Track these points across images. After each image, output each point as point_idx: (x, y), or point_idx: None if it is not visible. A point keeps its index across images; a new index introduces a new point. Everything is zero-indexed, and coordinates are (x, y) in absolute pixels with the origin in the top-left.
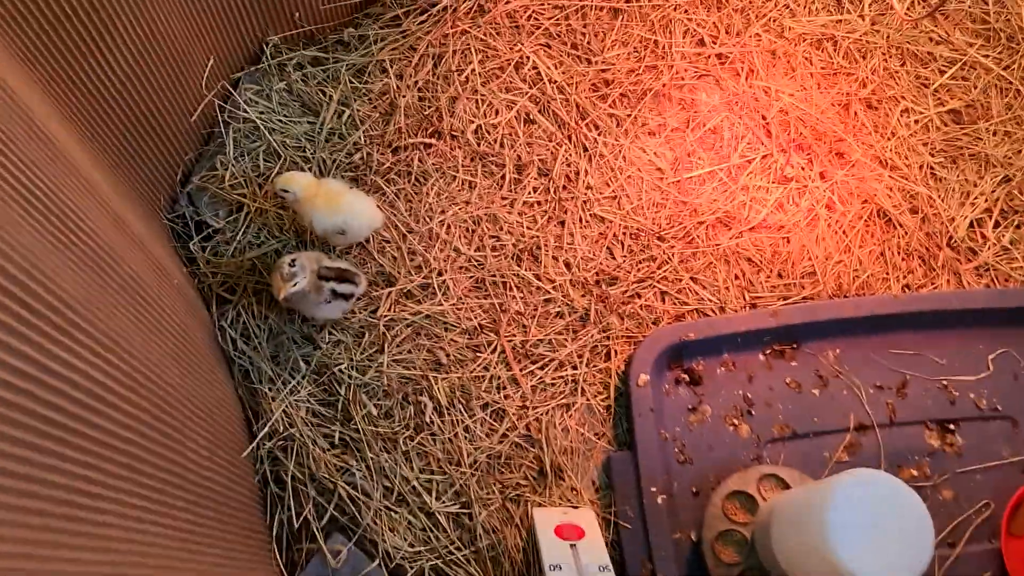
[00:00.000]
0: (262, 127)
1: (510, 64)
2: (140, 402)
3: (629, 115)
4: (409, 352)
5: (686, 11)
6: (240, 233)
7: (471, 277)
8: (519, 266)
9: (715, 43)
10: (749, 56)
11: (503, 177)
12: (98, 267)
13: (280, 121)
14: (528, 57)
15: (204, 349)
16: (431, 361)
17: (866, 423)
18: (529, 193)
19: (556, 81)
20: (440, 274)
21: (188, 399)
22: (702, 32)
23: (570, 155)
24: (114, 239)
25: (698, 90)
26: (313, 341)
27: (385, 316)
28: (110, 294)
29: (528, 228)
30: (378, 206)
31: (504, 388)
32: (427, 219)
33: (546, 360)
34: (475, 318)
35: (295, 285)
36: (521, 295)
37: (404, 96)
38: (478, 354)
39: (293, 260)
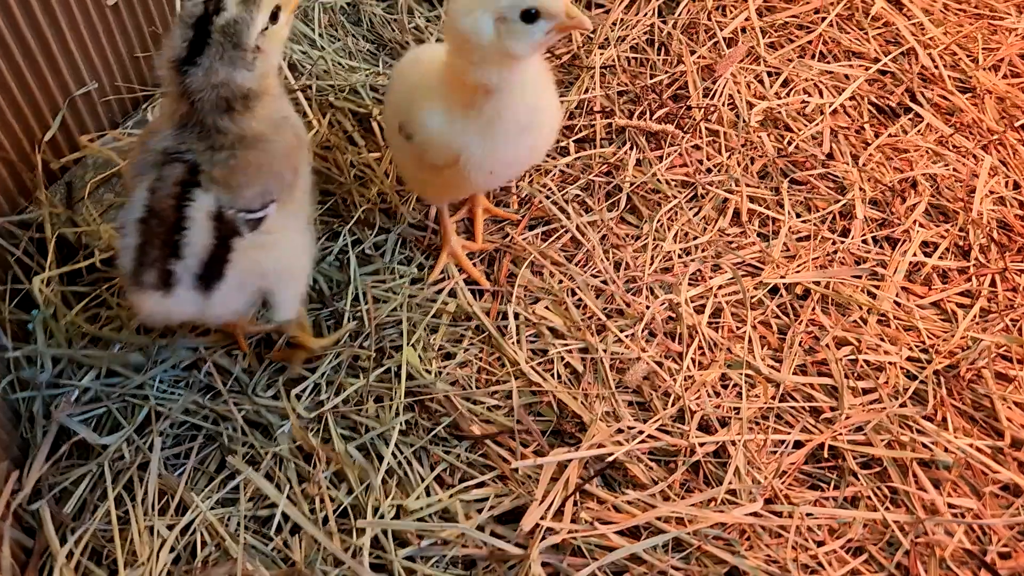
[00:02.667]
0: None
1: (829, 9)
2: None
3: None
4: None
5: None
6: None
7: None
8: (938, 422)
9: None
10: None
11: (846, 218)
12: None
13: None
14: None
15: None
16: None
17: None
18: (915, 253)
19: (937, 44)
20: (707, 427)
21: None
22: None
23: (1000, 184)
24: None
25: None
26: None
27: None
28: None
29: (935, 328)
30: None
31: None
32: (657, 287)
33: None
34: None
35: None
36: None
37: (606, 47)
38: None
39: None
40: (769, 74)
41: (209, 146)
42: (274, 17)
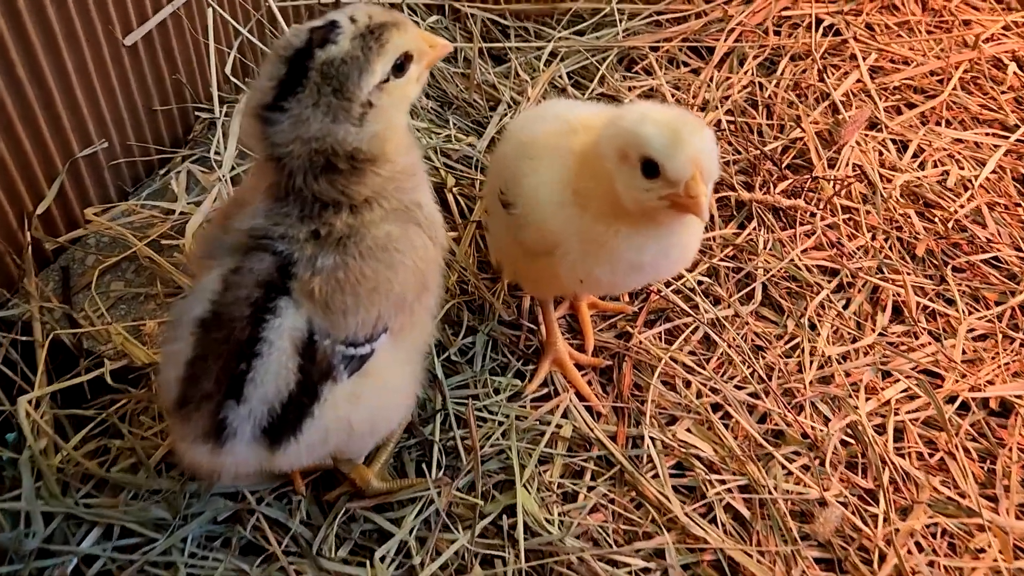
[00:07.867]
0: None
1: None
2: None
3: None
4: None
5: None
6: None
7: None
8: None
9: None
10: None
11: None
12: None
13: None
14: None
15: None
16: None
17: None
18: None
19: None
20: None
21: None
22: None
23: None
24: None
25: None
26: None
27: None
28: None
29: None
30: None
31: None
32: (819, 401)
33: None
34: None
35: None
36: None
37: (705, 109)
38: None
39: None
40: (893, 142)
41: (312, 232)
42: (400, 68)
